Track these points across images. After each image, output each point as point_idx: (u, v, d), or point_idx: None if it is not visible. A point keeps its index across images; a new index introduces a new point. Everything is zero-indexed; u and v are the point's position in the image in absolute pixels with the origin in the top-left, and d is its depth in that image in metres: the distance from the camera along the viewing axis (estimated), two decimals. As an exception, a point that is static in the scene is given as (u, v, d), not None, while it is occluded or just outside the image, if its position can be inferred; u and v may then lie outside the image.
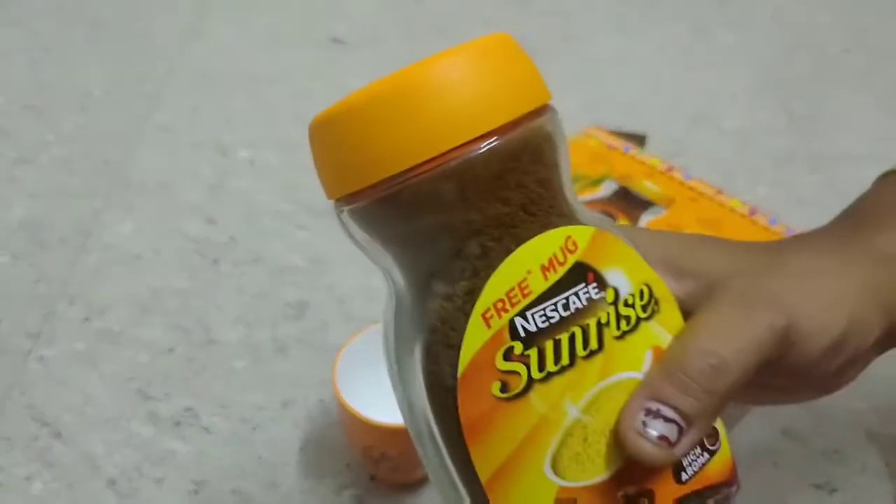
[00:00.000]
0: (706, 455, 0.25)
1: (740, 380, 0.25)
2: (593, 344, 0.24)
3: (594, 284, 0.24)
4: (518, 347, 0.23)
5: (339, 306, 0.64)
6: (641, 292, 0.25)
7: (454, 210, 0.24)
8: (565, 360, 0.23)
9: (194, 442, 0.54)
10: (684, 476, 0.24)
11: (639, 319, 0.25)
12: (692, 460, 0.25)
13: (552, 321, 0.23)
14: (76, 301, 0.64)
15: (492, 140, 0.23)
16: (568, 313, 0.23)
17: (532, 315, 0.23)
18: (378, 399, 0.47)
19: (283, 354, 0.60)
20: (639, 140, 0.80)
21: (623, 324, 0.24)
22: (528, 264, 0.23)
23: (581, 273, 0.24)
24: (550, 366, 0.23)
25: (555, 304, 0.23)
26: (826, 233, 0.32)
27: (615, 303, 0.24)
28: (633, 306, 0.24)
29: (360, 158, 0.23)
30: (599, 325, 0.24)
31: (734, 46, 1.01)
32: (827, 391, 0.31)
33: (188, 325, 0.62)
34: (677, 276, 0.28)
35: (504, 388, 0.23)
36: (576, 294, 0.24)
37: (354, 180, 0.24)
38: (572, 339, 0.23)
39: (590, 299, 0.24)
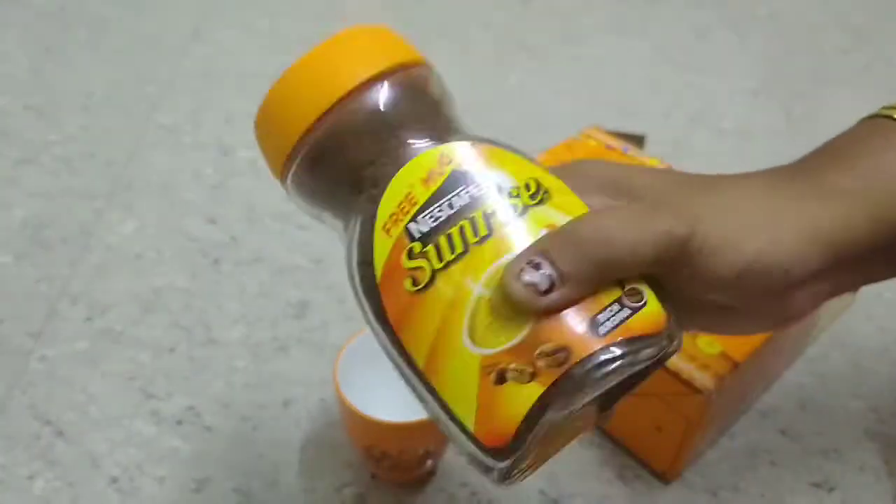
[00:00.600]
0: (627, 311, 0.27)
1: (625, 261, 0.27)
2: (482, 231, 0.28)
3: (475, 184, 0.29)
4: (417, 247, 0.28)
5: (340, 306, 0.64)
6: (528, 185, 0.29)
7: (350, 155, 0.29)
8: (459, 249, 0.28)
9: (196, 441, 0.55)
10: (602, 329, 0.27)
11: (527, 206, 0.29)
12: (609, 316, 0.27)
13: (441, 220, 0.28)
14: (78, 301, 0.64)
15: (369, 90, 0.29)
16: (454, 211, 0.28)
17: (421, 218, 0.28)
18: (379, 398, 0.47)
19: (284, 354, 0.61)
20: (638, 140, 0.80)
21: (511, 211, 0.28)
22: (411, 181, 0.29)
23: (460, 177, 0.29)
24: (447, 256, 0.28)
25: (440, 205, 0.28)
26: (786, 168, 0.33)
27: (499, 195, 0.29)
28: (518, 196, 0.29)
29: (279, 132, 0.30)
30: (486, 215, 0.28)
31: (734, 46, 1.02)
32: (776, 322, 0.32)
33: (189, 325, 0.62)
34: (613, 195, 0.30)
35: (414, 283, 0.28)
36: (457, 195, 0.28)
37: (281, 150, 0.30)
38: (462, 230, 0.28)
39: (472, 196, 0.28)
